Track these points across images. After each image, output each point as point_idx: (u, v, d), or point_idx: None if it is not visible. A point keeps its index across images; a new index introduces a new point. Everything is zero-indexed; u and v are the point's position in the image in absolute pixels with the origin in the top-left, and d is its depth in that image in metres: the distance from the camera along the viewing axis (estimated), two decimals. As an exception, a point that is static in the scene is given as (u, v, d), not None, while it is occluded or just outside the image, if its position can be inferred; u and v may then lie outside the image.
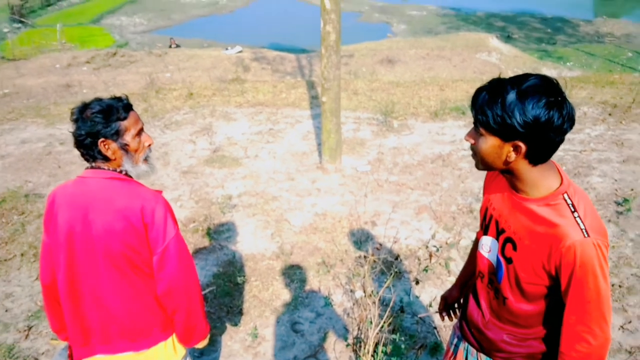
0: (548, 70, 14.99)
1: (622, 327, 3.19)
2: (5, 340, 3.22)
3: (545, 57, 18.49)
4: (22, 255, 4.12)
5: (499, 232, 1.53)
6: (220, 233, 4.42)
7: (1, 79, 12.16)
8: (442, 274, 3.79)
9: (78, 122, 1.69)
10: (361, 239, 4.26)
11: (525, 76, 1.30)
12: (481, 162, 1.42)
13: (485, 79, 10.94)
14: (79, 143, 1.71)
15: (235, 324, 3.33)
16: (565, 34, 24.18)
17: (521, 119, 1.26)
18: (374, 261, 3.77)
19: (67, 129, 7.24)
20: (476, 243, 1.90)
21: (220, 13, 30.88)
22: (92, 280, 1.72)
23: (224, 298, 3.55)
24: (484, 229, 1.61)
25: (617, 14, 27.96)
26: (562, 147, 5.84)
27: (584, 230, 1.31)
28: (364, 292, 3.39)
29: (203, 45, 20.73)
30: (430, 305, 3.43)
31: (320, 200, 4.98)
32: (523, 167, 1.36)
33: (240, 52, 15.87)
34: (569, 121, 1.28)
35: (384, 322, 3.16)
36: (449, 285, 3.64)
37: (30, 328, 3.32)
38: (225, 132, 6.81)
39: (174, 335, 1.89)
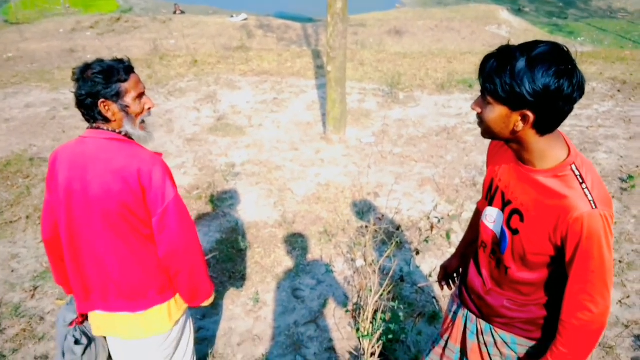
0: (558, 45, 14.74)
1: (620, 301, 3.23)
2: (11, 300, 3.29)
3: (556, 32, 18.14)
4: (27, 217, 4.17)
5: (504, 204, 1.52)
6: (223, 200, 4.44)
7: (5, 43, 12.07)
8: (443, 245, 3.82)
9: (79, 82, 1.68)
10: (363, 210, 4.27)
11: (535, 43, 1.26)
12: (487, 131, 1.40)
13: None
14: (80, 103, 1.69)
15: (238, 289, 3.38)
16: (577, 8, 23.64)
17: (530, 87, 1.22)
18: (375, 231, 3.80)
19: (71, 93, 7.22)
20: (476, 213, 1.92)
21: (226, -21, 30.27)
22: (90, 239, 1.74)
23: (227, 264, 3.60)
24: (489, 200, 1.60)
25: (632, -12, 27.24)
26: (569, 122, 5.80)
27: (591, 202, 1.30)
28: (365, 261, 3.42)
29: (208, 12, 20.40)
30: (430, 275, 3.47)
31: (324, 170, 4.98)
32: (530, 137, 1.34)
33: (245, 19, 15.62)
34: (579, 90, 1.25)
35: (384, 290, 3.21)
36: (449, 257, 3.67)
37: (36, 288, 3.39)
38: (230, 101, 6.77)
39: (171, 300, 1.88)
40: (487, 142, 3.86)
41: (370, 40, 12.88)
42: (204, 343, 2.95)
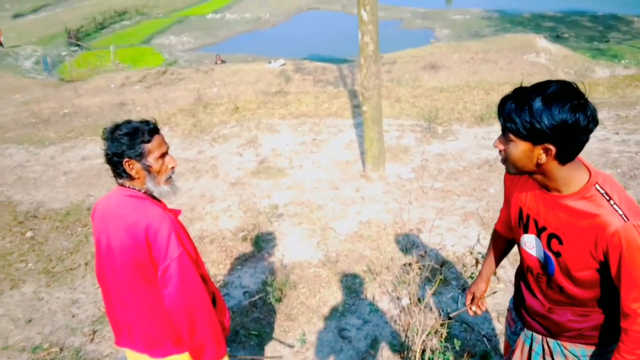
0: (602, 69, 14.43)
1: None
2: (72, 344, 3.45)
3: (598, 56, 17.81)
4: (86, 264, 4.40)
5: (539, 230, 1.61)
6: (268, 242, 4.55)
7: (61, 100, 12.98)
8: (491, 281, 3.74)
9: (108, 142, 1.83)
10: (406, 246, 4.26)
11: (547, 83, 1.40)
12: (513, 166, 1.51)
13: (533, 80, 10.69)
14: (108, 160, 1.85)
15: (284, 330, 3.42)
16: (619, 31, 23.19)
17: (549, 123, 1.34)
18: (420, 268, 3.78)
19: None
20: (497, 237, 2.05)
21: (263, 28, 31.63)
22: (115, 286, 1.88)
23: (273, 304, 3.66)
24: (524, 228, 1.68)
25: (675, 7, 26.54)
26: (616, 148, 5.65)
27: (623, 216, 1.40)
28: (410, 299, 3.40)
29: (247, 59, 21.30)
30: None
31: (365, 208, 5.02)
32: (554, 167, 1.45)
33: (283, 65, 16.20)
34: (593, 121, 1.38)
35: (431, 329, 3.17)
36: (498, 293, 3.59)
37: (94, 332, 3.55)
38: (270, 144, 6.99)
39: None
40: None
41: (406, 77, 13.05)
42: (253, 385, 2.98)
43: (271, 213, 5.01)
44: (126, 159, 1.81)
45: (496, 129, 6.82)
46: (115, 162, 1.82)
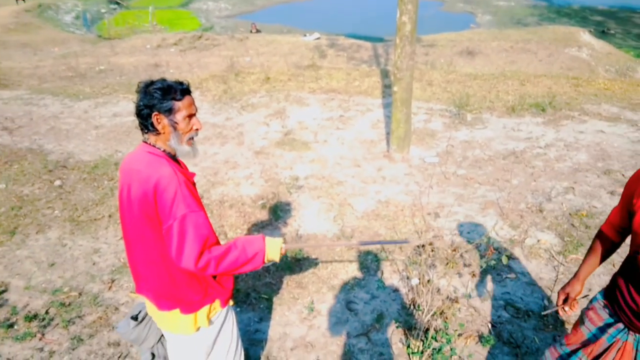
0: (645, 69, 13.87)
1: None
2: (91, 290, 3.62)
3: (643, 55, 17.11)
4: (109, 216, 4.57)
5: None
6: (286, 211, 4.62)
7: (97, 56, 13.21)
8: (502, 270, 3.75)
9: (141, 94, 1.89)
10: (422, 229, 4.28)
11: None
12: None
13: (572, 75, 10.34)
14: (138, 112, 1.91)
15: (294, 297, 3.51)
16: (672, 30, 22.14)
17: None
18: (432, 250, 3.80)
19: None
20: (603, 240, 2.05)
21: (302, 0, 31.28)
22: (131, 236, 1.97)
23: (285, 271, 3.75)
24: None
25: None
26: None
27: None
28: (420, 279, 3.44)
29: (283, 31, 21.18)
30: (486, 299, 3.42)
31: (385, 188, 5.04)
32: None
33: (318, 39, 16.06)
34: None
35: (437, 310, 3.22)
36: (508, 282, 3.61)
37: (113, 281, 3.71)
38: (298, 117, 7.02)
39: (196, 313, 2.03)
40: (558, 168, 3.87)
41: (441, 61, 12.81)
42: (259, 345, 3.09)
43: (291, 184, 5.08)
44: (155, 112, 1.87)
45: (527, 120, 6.70)
46: (145, 115, 1.89)
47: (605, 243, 2.05)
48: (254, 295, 3.53)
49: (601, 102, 7.41)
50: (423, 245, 3.88)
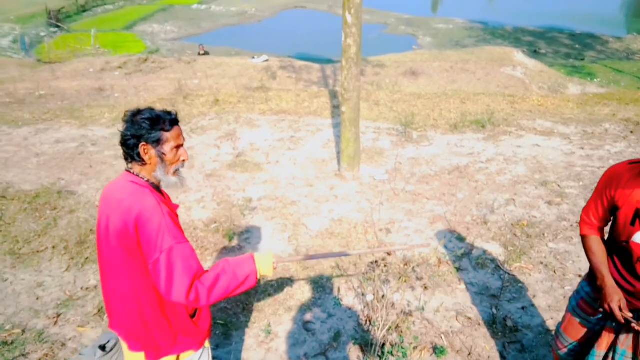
0: (574, 86, 14.88)
1: None
2: (35, 326, 3.44)
3: (573, 73, 18.34)
4: (53, 247, 4.38)
5: None
6: (240, 234, 4.60)
7: (38, 81, 12.71)
8: (453, 281, 3.88)
9: (128, 124, 1.86)
10: (375, 245, 4.38)
11: None
12: None
13: (508, 93, 10.92)
14: (124, 142, 1.87)
15: (250, 321, 3.48)
16: (595, 50, 23.90)
17: None
18: (385, 266, 3.89)
19: (99, 130, 7.59)
20: (594, 242, 2.19)
21: (249, 23, 31.49)
22: (107, 269, 1.90)
23: (241, 295, 3.71)
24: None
25: (649, 31, 27.48)
26: (581, 162, 5.88)
27: None
28: (374, 295, 3.51)
29: (231, 53, 21.21)
30: (438, 311, 3.53)
31: (337, 206, 5.12)
32: None
33: (266, 61, 16.19)
34: None
35: (392, 324, 3.29)
36: (458, 293, 3.74)
37: (59, 316, 3.54)
38: (249, 138, 7.03)
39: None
40: (499, 181, 4.14)
41: (387, 81, 13.22)
42: (216, 372, 3.04)
43: (245, 206, 5.06)
44: (143, 143, 1.84)
45: (468, 136, 7.02)
46: (132, 145, 1.85)
47: (597, 242, 2.20)
48: (209, 321, 3.48)
49: (536, 117, 7.88)
50: (376, 262, 3.96)
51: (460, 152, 6.49)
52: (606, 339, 2.12)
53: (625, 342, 2.06)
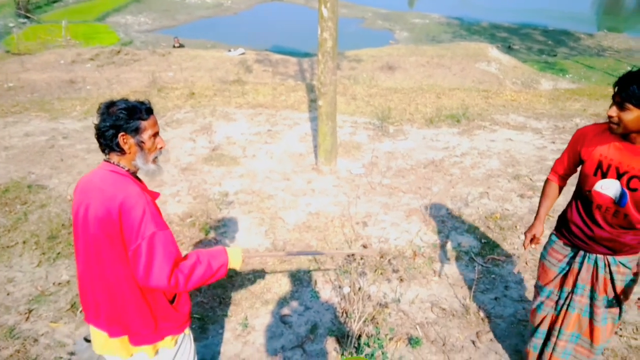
0: (547, 81, 15.19)
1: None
2: (6, 322, 3.37)
3: (545, 69, 18.71)
4: (24, 242, 4.27)
5: (620, 175, 2.19)
6: (216, 228, 4.57)
7: (6, 73, 12.32)
8: (428, 273, 3.95)
9: (104, 116, 1.87)
10: (352, 239, 4.41)
11: None
12: (624, 128, 2.09)
13: (482, 88, 11.07)
14: (101, 134, 1.87)
15: (227, 314, 3.48)
16: (567, 46, 24.41)
17: None
18: (362, 259, 3.93)
19: (70, 123, 7.41)
20: (551, 187, 2.60)
21: (224, 15, 31.09)
22: (87, 260, 1.91)
23: (217, 289, 3.70)
24: (602, 175, 2.25)
25: (619, 28, 28.19)
26: (552, 156, 6.02)
27: None
28: (351, 287, 3.54)
29: (206, 46, 20.92)
30: (413, 302, 3.59)
31: (314, 200, 5.13)
32: None
33: (242, 54, 16.04)
34: None
35: (368, 316, 3.33)
36: (433, 285, 3.81)
37: (30, 311, 3.47)
38: (225, 132, 6.97)
39: (144, 347, 2.00)
40: (473, 175, 4.29)
41: (364, 75, 13.26)
42: (192, 366, 3.02)
43: (221, 200, 5.03)
44: (122, 133, 1.86)
45: (444, 131, 7.11)
46: (110, 136, 1.86)
47: (557, 190, 2.60)
48: (185, 315, 3.45)
49: (509, 112, 8.03)
50: (353, 254, 3.99)
51: (436, 146, 6.57)
52: (571, 278, 2.51)
53: (585, 278, 2.46)
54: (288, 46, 21.17)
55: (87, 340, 2.13)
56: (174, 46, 18.48)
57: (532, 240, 2.58)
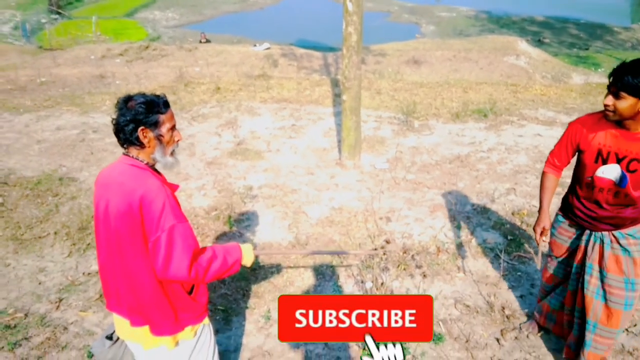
0: (578, 75, 14.79)
1: (627, 330, 3.26)
2: (38, 310, 3.48)
3: (577, 63, 18.22)
4: (55, 233, 4.40)
5: (619, 160, 2.35)
6: (240, 221, 4.62)
7: (39, 68, 12.67)
8: (452, 270, 3.90)
9: (122, 110, 1.90)
10: (375, 234, 4.39)
11: None
12: (620, 115, 2.25)
13: (511, 82, 10.87)
14: (120, 128, 1.90)
15: (250, 307, 3.51)
16: (601, 40, 23.71)
17: None
18: (384, 254, 3.91)
19: (100, 117, 7.58)
20: (549, 179, 2.72)
21: (251, 10, 31.27)
22: (108, 252, 1.95)
23: (241, 282, 3.74)
24: (602, 162, 2.40)
25: (654, 20, 27.22)
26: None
27: None
28: (373, 282, 3.53)
29: (232, 41, 21.09)
30: (436, 298, 3.56)
31: (338, 194, 5.13)
32: None
33: (268, 48, 16.11)
34: None
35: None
36: (457, 282, 3.77)
37: (61, 300, 3.58)
38: (250, 126, 7.02)
39: (164, 337, 2.03)
40: (500, 170, 4.22)
41: (389, 70, 13.16)
42: (216, 357, 3.07)
43: (245, 194, 5.08)
44: (142, 127, 1.89)
45: (470, 126, 7.00)
46: (130, 130, 1.89)
47: (552, 180, 2.72)
48: (209, 307, 3.50)
49: (538, 107, 7.85)
50: (376, 249, 3.98)
51: (462, 141, 6.47)
52: (579, 254, 2.68)
53: (592, 256, 2.60)
54: (313, 40, 21.17)
55: (109, 338, 2.15)
56: (200, 42, 18.68)
57: (542, 233, 2.72)
